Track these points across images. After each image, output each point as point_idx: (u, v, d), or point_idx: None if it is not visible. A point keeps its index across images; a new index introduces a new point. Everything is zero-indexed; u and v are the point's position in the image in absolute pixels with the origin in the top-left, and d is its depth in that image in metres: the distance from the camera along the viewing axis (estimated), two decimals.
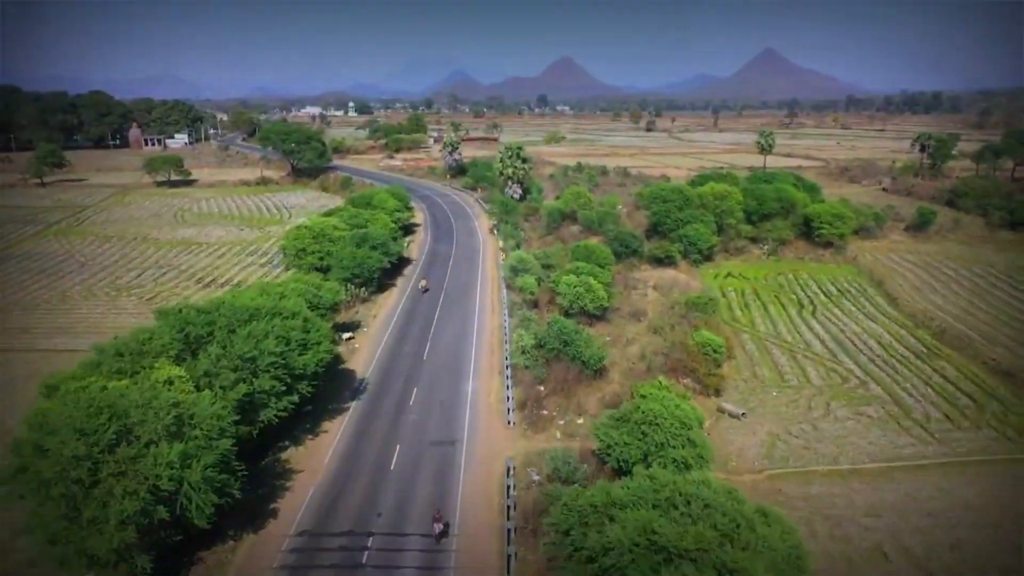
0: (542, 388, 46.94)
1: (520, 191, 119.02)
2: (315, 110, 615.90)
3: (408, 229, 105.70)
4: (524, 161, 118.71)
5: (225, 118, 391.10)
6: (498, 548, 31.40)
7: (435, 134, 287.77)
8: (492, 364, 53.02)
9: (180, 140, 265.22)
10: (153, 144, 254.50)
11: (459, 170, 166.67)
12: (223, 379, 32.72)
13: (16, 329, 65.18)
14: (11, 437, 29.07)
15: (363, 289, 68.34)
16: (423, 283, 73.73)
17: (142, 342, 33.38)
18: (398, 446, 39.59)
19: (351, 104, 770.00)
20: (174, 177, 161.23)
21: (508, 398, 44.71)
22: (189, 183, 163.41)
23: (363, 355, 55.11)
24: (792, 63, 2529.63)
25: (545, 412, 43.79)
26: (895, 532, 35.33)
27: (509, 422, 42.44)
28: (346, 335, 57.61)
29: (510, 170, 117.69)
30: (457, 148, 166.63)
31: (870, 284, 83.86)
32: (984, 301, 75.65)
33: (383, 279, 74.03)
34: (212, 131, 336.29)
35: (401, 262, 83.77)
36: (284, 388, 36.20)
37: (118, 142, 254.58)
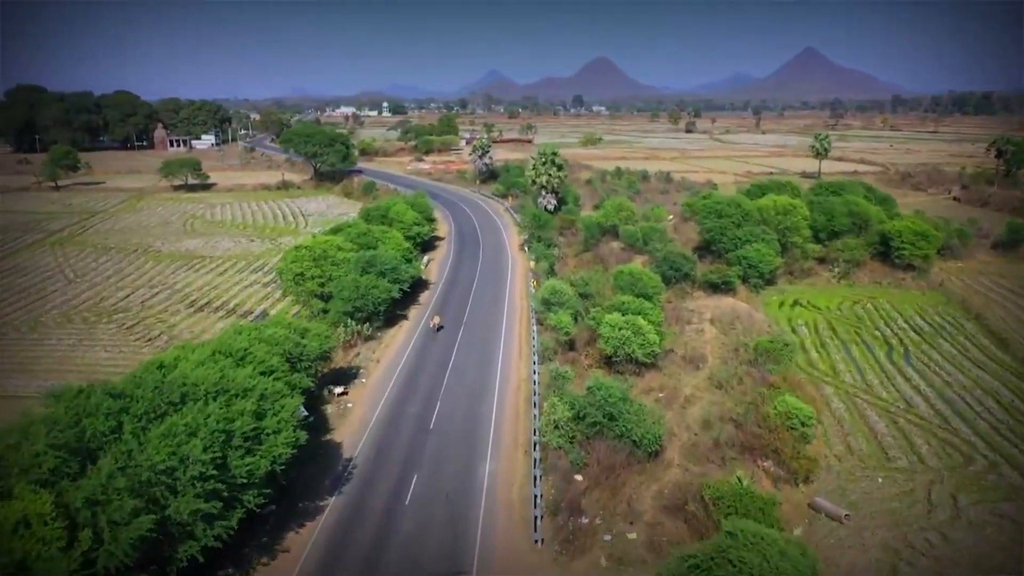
0: (580, 478, 35.79)
1: (554, 201, 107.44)
2: (349, 110, 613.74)
3: (429, 244, 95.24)
4: (559, 168, 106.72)
5: (258, 118, 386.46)
6: None
7: (467, 135, 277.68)
8: (516, 435, 41.78)
9: (207, 141, 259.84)
10: (178, 145, 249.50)
11: (490, 175, 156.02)
12: (114, 510, 22.18)
13: None
14: None
15: (367, 325, 57.45)
16: (436, 320, 61.25)
17: (2, 452, 23.09)
18: None
19: (385, 104, 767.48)
20: (192, 181, 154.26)
21: (536, 498, 33.38)
22: (207, 187, 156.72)
23: (356, 417, 44.25)
24: (833, 63, 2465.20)
25: (585, 520, 32.56)
26: None
27: (537, 540, 31.21)
28: (338, 389, 46.79)
29: (544, 178, 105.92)
30: (488, 152, 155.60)
31: (966, 317, 70.79)
32: None
33: (394, 307, 63.38)
34: (243, 132, 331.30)
35: (418, 285, 73.09)
36: (221, 504, 25.74)
37: (144, 143, 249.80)
